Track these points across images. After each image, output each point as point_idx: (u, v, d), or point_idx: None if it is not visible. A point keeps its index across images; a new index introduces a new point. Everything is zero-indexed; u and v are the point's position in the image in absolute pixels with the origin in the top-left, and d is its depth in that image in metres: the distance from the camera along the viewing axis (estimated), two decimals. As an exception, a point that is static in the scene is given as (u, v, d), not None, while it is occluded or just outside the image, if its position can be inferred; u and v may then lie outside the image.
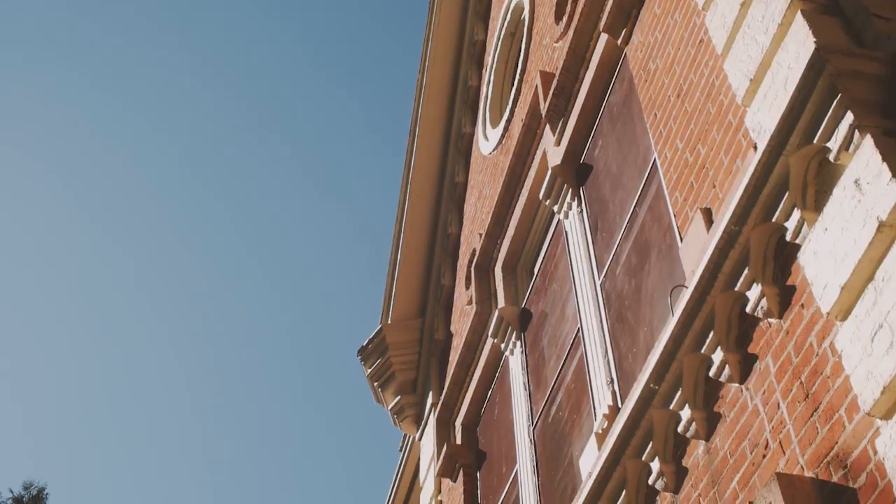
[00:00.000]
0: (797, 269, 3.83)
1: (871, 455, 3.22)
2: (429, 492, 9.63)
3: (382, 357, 10.37)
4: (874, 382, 3.15)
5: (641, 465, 4.85)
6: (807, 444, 3.61)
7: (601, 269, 6.26)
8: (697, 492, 4.37)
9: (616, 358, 5.73)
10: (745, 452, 4.03)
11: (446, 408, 9.29)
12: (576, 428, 6.22)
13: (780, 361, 3.88)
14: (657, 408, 4.65)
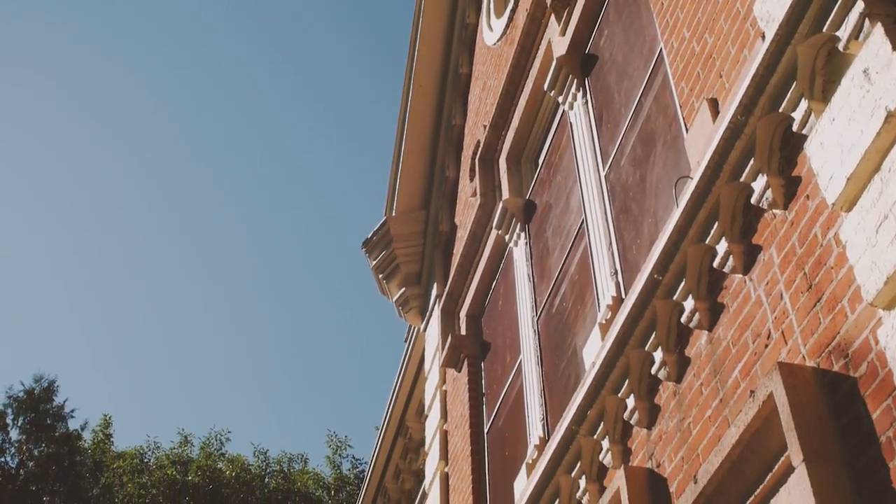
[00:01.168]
0: (803, 160, 3.81)
1: (873, 345, 3.25)
2: (433, 382, 9.76)
3: (387, 249, 10.40)
4: (878, 273, 3.16)
5: (644, 355, 4.91)
6: (809, 334, 3.64)
7: (606, 160, 6.23)
8: (699, 381, 4.43)
9: (620, 249, 5.74)
10: (748, 342, 4.07)
11: (451, 299, 9.36)
12: (579, 318, 6.27)
13: (784, 252, 3.89)
14: (660, 298, 4.68)
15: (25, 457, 20.91)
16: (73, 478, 21.56)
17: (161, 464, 24.67)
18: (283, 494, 24.63)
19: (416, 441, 13.14)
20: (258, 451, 26.11)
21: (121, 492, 23.61)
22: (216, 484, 23.88)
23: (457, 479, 8.28)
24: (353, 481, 25.66)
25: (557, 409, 6.37)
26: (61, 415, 22.18)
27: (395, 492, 14.05)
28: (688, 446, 4.43)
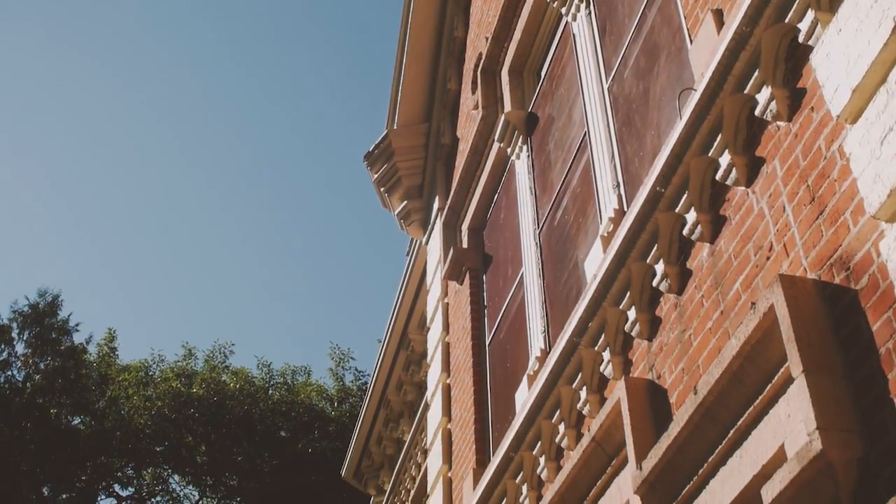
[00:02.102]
0: (808, 72, 3.78)
1: (874, 257, 3.26)
2: (435, 295, 9.81)
3: (388, 162, 10.37)
4: (881, 185, 3.16)
5: (646, 268, 4.92)
6: (811, 246, 3.65)
7: (609, 72, 6.18)
8: (701, 293, 4.45)
9: (622, 161, 5.72)
10: (749, 255, 4.08)
11: (452, 212, 9.36)
12: (581, 231, 6.28)
13: (788, 165, 3.88)
14: (663, 211, 4.68)
15: (31, 370, 21.14)
16: (79, 390, 21.82)
17: (166, 377, 24.93)
18: (286, 406, 24.91)
19: (418, 353, 13.26)
20: (262, 364, 26.38)
21: (126, 404, 23.89)
22: (220, 396, 24.15)
23: (458, 391, 8.37)
24: (356, 393, 25.95)
25: (559, 322, 6.41)
26: (66, 329, 22.35)
27: (398, 403, 14.23)
28: (688, 358, 4.47)
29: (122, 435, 22.99)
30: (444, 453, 8.36)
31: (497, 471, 6.44)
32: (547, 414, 5.91)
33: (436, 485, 8.48)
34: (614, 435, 4.97)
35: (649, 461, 4.36)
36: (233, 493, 25.30)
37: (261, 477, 23.70)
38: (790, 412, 3.51)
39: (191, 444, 23.99)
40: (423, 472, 12.40)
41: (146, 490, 25.51)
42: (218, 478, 24.72)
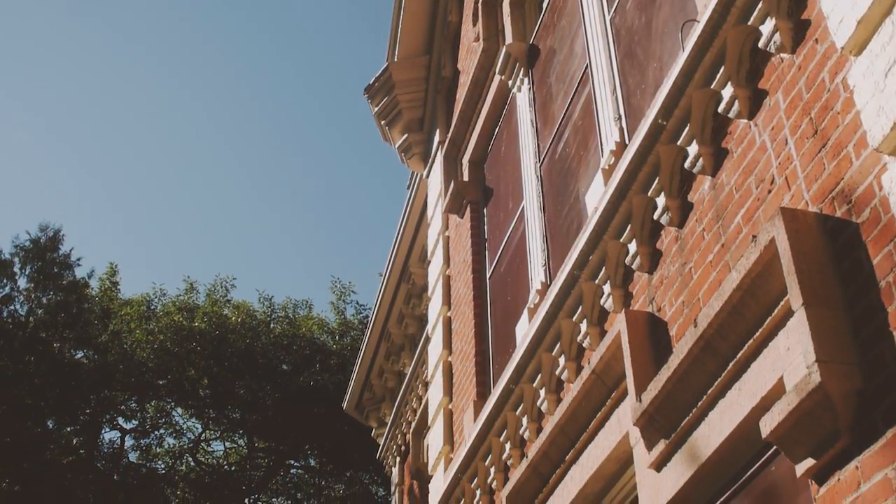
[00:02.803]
0: (813, 3, 3.73)
1: (877, 191, 3.25)
2: (436, 228, 9.81)
3: (389, 95, 10.30)
4: (885, 118, 3.14)
5: (647, 201, 4.91)
6: (812, 179, 3.64)
7: (611, 4, 6.11)
8: (702, 226, 4.45)
9: (624, 94, 5.69)
10: (751, 188, 4.07)
11: (453, 145, 9.33)
12: (582, 164, 6.26)
13: (791, 97, 3.85)
14: (664, 143, 4.66)
15: (34, 305, 21.22)
16: (81, 325, 21.91)
17: (168, 310, 25.01)
18: (288, 340, 25.04)
19: (419, 286, 13.31)
20: (263, 298, 26.48)
21: (129, 338, 24.01)
22: (222, 330, 24.26)
23: (459, 323, 8.40)
24: (357, 326, 26.06)
25: (559, 255, 6.42)
26: (68, 263, 22.38)
27: (399, 336, 14.30)
28: (688, 291, 4.49)
29: (124, 368, 23.15)
30: (445, 386, 8.43)
31: (497, 403, 6.49)
32: (547, 346, 5.94)
33: (437, 417, 8.55)
34: (614, 367, 5.00)
35: (649, 393, 4.40)
36: (235, 426, 25.56)
37: (263, 410, 23.90)
38: (789, 345, 3.53)
39: (193, 377, 24.16)
40: (424, 405, 12.51)
41: (149, 423, 25.75)
42: (220, 410, 24.93)
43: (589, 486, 5.36)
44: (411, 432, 13.92)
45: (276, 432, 24.37)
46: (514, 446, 6.42)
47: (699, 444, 4.12)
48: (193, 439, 26.55)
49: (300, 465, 26.33)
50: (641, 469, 4.63)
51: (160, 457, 26.24)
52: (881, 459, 3.06)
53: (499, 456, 6.63)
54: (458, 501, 7.30)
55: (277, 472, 25.92)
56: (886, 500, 3.01)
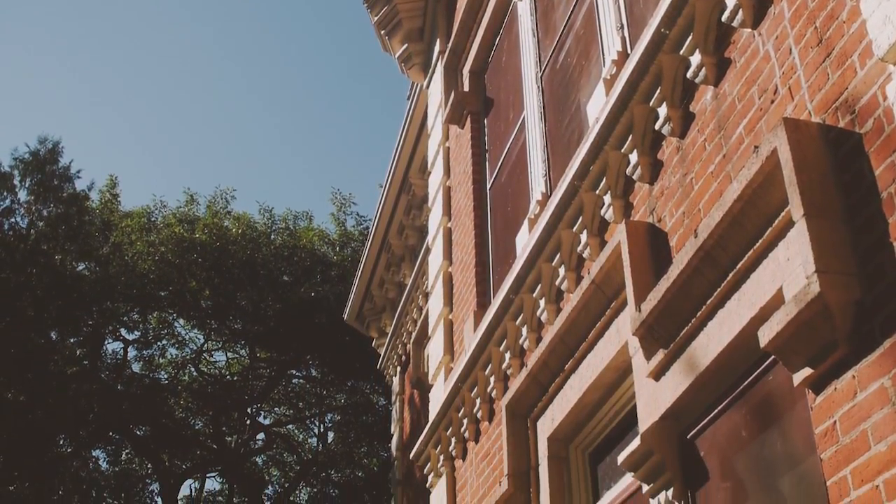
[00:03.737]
0: None
1: (881, 101, 3.22)
2: (436, 139, 9.77)
3: (389, 4, 10.16)
4: (891, 28, 3.10)
5: (649, 111, 4.88)
6: (816, 89, 3.60)
7: None
8: (703, 137, 4.42)
9: (627, 3, 5.61)
10: (754, 98, 4.04)
11: (454, 55, 9.23)
12: (584, 74, 6.20)
13: (796, 5, 3.80)
14: (667, 53, 4.61)
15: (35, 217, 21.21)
16: (82, 237, 21.93)
17: (168, 222, 25.00)
18: (288, 251, 25.09)
19: (419, 197, 13.29)
20: (263, 209, 26.45)
21: (130, 250, 24.05)
22: (223, 241, 24.28)
23: (459, 234, 8.41)
24: (358, 238, 26.08)
25: (560, 165, 6.40)
26: (68, 175, 22.29)
27: (399, 247, 14.34)
28: (689, 201, 4.48)
29: (126, 280, 23.24)
30: (445, 296, 8.47)
31: (497, 313, 6.53)
32: (547, 257, 5.95)
33: (437, 327, 8.61)
34: (614, 278, 5.02)
35: (648, 303, 4.42)
36: (237, 337, 25.73)
37: (264, 321, 24.05)
38: (789, 255, 3.54)
39: (195, 288, 24.26)
40: (425, 315, 12.60)
41: (152, 334, 25.93)
42: (222, 321, 25.09)
43: (588, 395, 5.42)
44: (412, 342, 14.04)
45: (277, 343, 24.56)
46: (513, 356, 6.48)
47: (698, 353, 4.16)
48: (195, 350, 26.77)
49: (301, 376, 26.59)
50: (640, 378, 4.68)
51: (163, 367, 26.48)
52: (878, 369, 3.09)
53: (499, 365, 6.70)
54: (458, 410, 7.39)
55: (279, 382, 26.19)
56: (882, 408, 3.05)
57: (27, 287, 20.40)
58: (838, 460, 3.23)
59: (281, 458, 27.92)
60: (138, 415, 23.07)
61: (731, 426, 4.09)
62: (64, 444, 23.00)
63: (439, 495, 7.72)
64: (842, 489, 3.19)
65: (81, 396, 21.83)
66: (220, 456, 24.94)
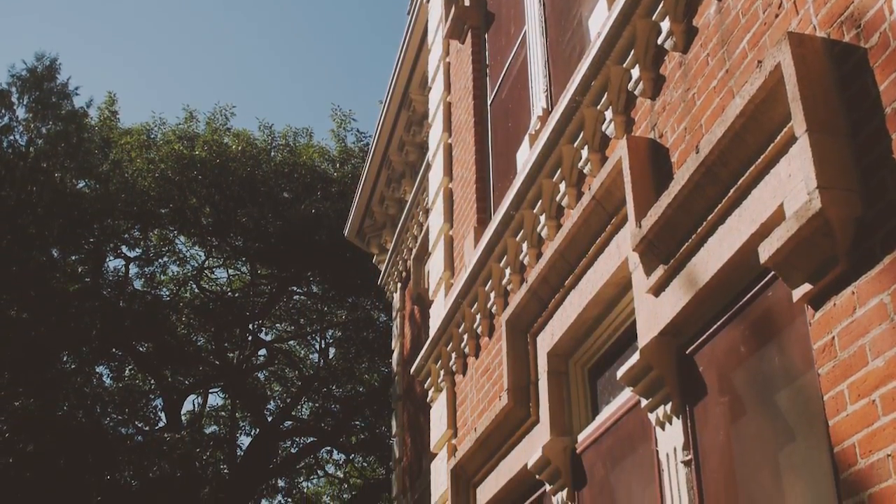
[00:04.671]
0: None
1: (887, 15, 3.18)
2: (437, 54, 9.68)
3: (386, -84, 10.00)
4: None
5: (651, 25, 4.82)
6: (821, 3, 3.55)
7: None
8: (706, 52, 4.38)
9: (629, -86, 5.51)
10: (758, 12, 3.99)
11: (453, -32, 9.10)
12: (585, -12, 6.12)
13: (801, -84, 3.73)
14: (670, -34, 4.54)
15: (34, 135, 21.07)
16: (82, 154, 21.81)
17: (168, 139, 24.85)
18: (289, 168, 24.98)
19: (420, 113, 13.22)
20: (263, 126, 26.25)
21: (130, 167, 23.95)
22: (223, 158, 24.16)
23: (460, 150, 8.38)
24: (358, 154, 25.95)
25: (561, 81, 6.35)
26: (66, 93, 22.07)
27: (399, 163, 14.30)
28: (691, 117, 4.45)
29: (126, 198, 23.19)
30: (446, 212, 8.47)
31: (498, 229, 6.54)
32: (548, 173, 5.93)
33: (437, 243, 8.63)
34: (614, 194, 5.01)
35: (649, 219, 4.42)
36: (238, 254, 25.77)
37: (265, 237, 24.07)
38: (791, 172, 3.52)
39: (195, 205, 24.22)
40: (425, 231, 12.61)
41: (153, 251, 25.98)
42: (223, 238, 25.09)
43: (587, 311, 5.45)
44: (412, 259, 14.08)
45: (278, 260, 24.60)
46: (513, 272, 6.50)
47: (697, 269, 4.17)
48: (197, 267, 26.82)
49: (303, 292, 26.70)
50: (640, 294, 4.70)
51: (164, 284, 26.57)
52: (877, 285, 3.10)
53: (499, 281, 6.72)
54: (458, 326, 7.43)
55: (280, 298, 26.30)
56: (881, 324, 3.06)
57: (27, 205, 20.38)
58: (836, 375, 3.25)
59: (282, 374, 28.17)
60: (141, 331, 23.21)
61: (730, 342, 4.12)
62: (67, 360, 23.19)
63: (440, 410, 7.81)
64: (838, 403, 3.23)
65: (84, 313, 21.95)
66: (222, 372, 25.17)
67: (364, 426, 26.27)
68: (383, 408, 24.53)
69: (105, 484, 21.62)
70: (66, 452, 19.88)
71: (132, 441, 23.11)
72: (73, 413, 21.77)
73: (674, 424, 4.42)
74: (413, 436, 14.04)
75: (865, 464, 3.06)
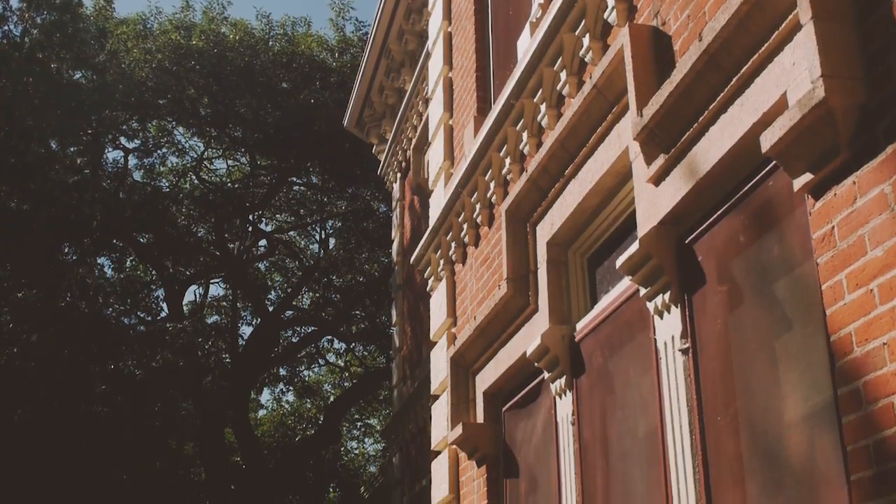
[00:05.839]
0: None
1: None
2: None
3: None
4: None
5: None
6: None
7: None
8: (711, -65, 4.28)
9: None
10: None
11: None
12: None
13: None
14: None
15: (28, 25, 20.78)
16: (78, 45, 21.53)
17: (164, 29, 24.52)
18: (287, 57, 24.70)
19: (419, 2, 13.02)
20: (261, 15, 25.88)
21: (127, 58, 23.68)
22: (220, 48, 23.87)
23: (460, 39, 8.28)
24: (357, 44, 25.63)
25: (563, -33, 6.23)
26: (58, -20, 21.73)
27: (399, 53, 14.14)
28: (694, 4, 4.38)
29: (124, 88, 22.98)
30: (446, 101, 8.40)
31: (498, 118, 6.49)
32: (549, 61, 5.87)
33: (437, 133, 8.58)
34: (616, 82, 4.96)
35: (650, 108, 4.38)
36: (237, 144, 25.66)
37: (264, 128, 23.92)
38: (795, 60, 3.48)
39: (193, 96, 24.02)
40: (425, 121, 12.54)
41: (152, 142, 25.87)
42: (221, 129, 24.95)
43: (587, 201, 5.44)
44: (412, 148, 14.03)
45: (277, 150, 24.50)
46: (513, 161, 6.48)
47: (698, 158, 4.15)
48: (196, 158, 26.74)
49: (302, 183, 26.64)
50: (640, 183, 4.68)
51: (164, 175, 26.51)
52: (879, 175, 3.08)
53: (499, 171, 6.70)
54: (458, 215, 7.44)
55: (280, 189, 26.27)
56: (881, 214, 3.06)
57: (24, 96, 20.21)
58: (834, 265, 3.26)
59: (283, 265, 28.32)
60: (141, 223, 23.26)
61: (730, 231, 4.12)
62: (69, 252, 23.29)
63: (439, 299, 7.87)
64: (836, 293, 3.24)
65: (84, 205, 21.95)
66: (223, 262, 25.29)
67: (364, 316, 26.51)
68: (383, 297, 24.72)
69: (109, 373, 21.92)
70: (69, 343, 20.10)
71: (135, 331, 23.35)
72: (75, 304, 21.94)
73: (672, 313, 4.45)
74: (413, 325, 14.18)
75: (861, 352, 3.09)
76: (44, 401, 19.86)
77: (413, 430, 13.21)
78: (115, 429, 20.82)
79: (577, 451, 5.44)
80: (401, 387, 14.49)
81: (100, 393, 21.74)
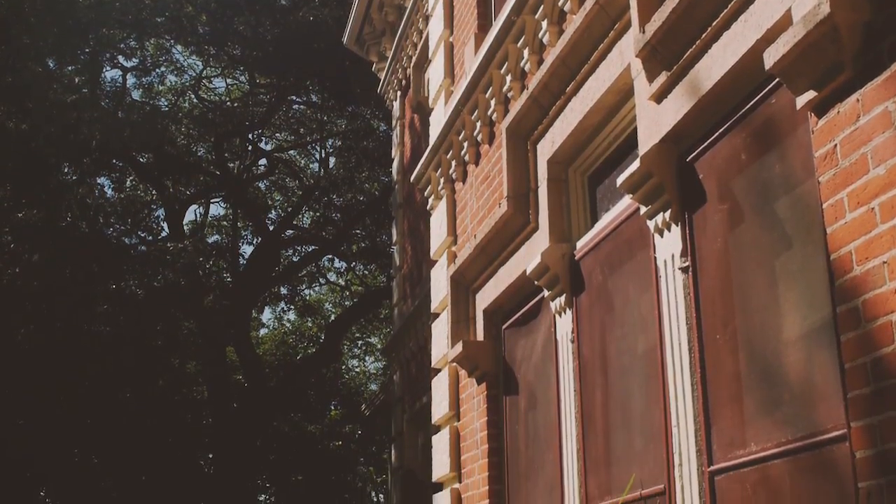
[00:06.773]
0: None
1: None
2: None
3: None
4: None
5: None
6: None
7: None
8: None
9: None
10: None
11: None
12: None
13: None
14: None
15: (21, -61, 20.45)
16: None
17: (159, -56, 24.21)
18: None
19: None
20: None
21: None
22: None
23: (460, -45, 8.15)
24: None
25: None
26: None
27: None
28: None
29: (121, 6, 22.71)
30: (446, 18, 8.30)
31: (499, 35, 6.42)
32: (550, -22, 5.78)
33: (437, 50, 8.50)
34: (618, -1, 4.90)
35: (652, 24, 4.33)
36: (236, 63, 25.42)
37: (263, 46, 23.66)
38: (800, -27, 3.43)
39: (191, 14, 23.72)
40: (425, 38, 12.40)
41: (150, 61, 25.63)
42: (220, 48, 24.69)
43: (589, 118, 5.41)
44: (412, 66, 13.90)
45: (277, 68, 24.27)
46: (514, 78, 6.42)
47: (701, 76, 4.11)
48: (195, 77, 26.53)
49: (302, 101, 26.45)
50: (642, 101, 4.65)
51: (163, 94, 26.34)
52: (883, 92, 3.06)
53: (499, 88, 6.64)
54: (458, 133, 7.40)
55: (279, 107, 26.09)
56: (884, 132, 3.04)
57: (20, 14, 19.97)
58: (836, 183, 3.25)
59: (283, 184, 28.27)
60: (140, 142, 23.15)
61: (731, 149, 4.10)
62: (68, 171, 23.23)
63: (439, 217, 7.86)
64: (837, 211, 3.24)
65: (83, 124, 21.83)
66: (223, 182, 25.25)
67: (365, 234, 26.55)
68: (384, 216, 24.72)
69: (111, 293, 22.01)
70: (71, 262, 20.15)
71: (136, 251, 23.40)
72: (76, 224, 21.95)
73: (672, 231, 4.45)
74: (413, 243, 14.20)
75: (861, 270, 3.10)
76: (46, 320, 19.98)
77: (413, 348, 13.31)
78: (118, 348, 20.98)
79: (577, 368, 5.48)
80: (401, 305, 14.56)
81: (102, 312, 21.85)
